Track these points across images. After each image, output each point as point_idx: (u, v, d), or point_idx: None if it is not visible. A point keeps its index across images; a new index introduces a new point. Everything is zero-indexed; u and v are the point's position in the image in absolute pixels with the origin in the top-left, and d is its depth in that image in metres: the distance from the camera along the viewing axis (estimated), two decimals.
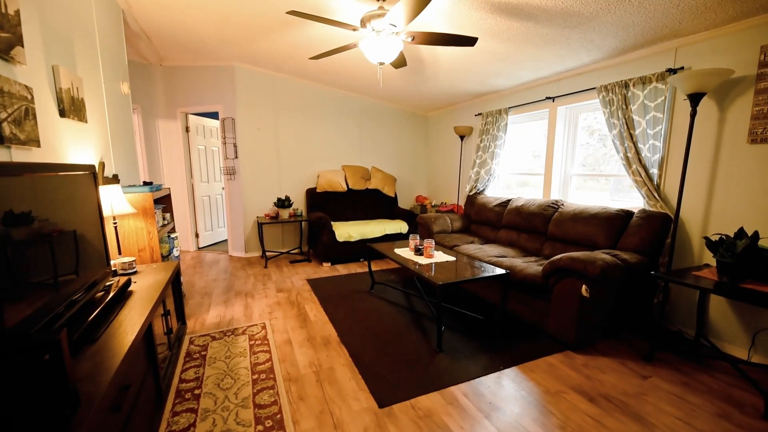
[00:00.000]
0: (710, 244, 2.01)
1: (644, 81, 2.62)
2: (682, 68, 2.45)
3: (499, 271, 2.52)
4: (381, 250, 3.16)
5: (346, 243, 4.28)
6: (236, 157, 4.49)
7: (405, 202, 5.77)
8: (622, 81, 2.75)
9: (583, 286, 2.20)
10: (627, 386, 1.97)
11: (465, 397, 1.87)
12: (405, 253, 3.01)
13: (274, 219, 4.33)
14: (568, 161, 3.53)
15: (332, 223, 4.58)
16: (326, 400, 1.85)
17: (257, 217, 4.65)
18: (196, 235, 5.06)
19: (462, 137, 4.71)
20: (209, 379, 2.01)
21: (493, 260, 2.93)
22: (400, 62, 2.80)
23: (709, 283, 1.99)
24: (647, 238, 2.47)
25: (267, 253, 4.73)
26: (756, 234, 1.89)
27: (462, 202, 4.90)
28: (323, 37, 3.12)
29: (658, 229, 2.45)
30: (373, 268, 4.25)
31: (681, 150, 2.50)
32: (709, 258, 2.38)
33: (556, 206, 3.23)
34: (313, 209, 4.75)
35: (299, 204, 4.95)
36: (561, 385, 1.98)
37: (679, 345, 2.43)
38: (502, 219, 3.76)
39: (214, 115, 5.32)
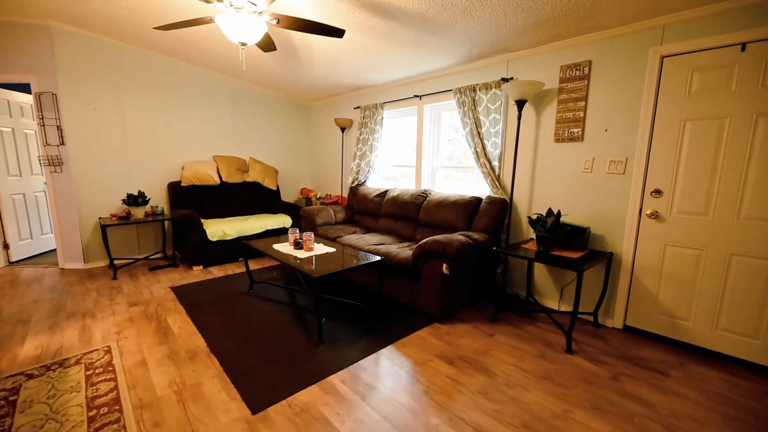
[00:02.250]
0: (531, 221, 2.52)
1: (487, 87, 3.08)
2: (512, 78, 2.97)
3: (375, 258, 2.66)
4: (258, 247, 2.97)
5: (221, 242, 3.88)
6: (62, 143, 3.55)
7: (289, 195, 5.55)
8: (471, 85, 3.19)
9: (444, 264, 2.50)
10: (478, 345, 2.34)
11: (343, 384, 1.92)
12: (284, 248, 2.90)
13: (124, 219, 3.61)
14: (435, 154, 3.94)
15: (203, 220, 4.10)
16: (189, 420, 1.66)
17: (99, 218, 3.80)
18: (5, 247, 3.85)
19: (343, 129, 4.76)
20: (21, 430, 1.57)
21: (371, 248, 3.07)
22: (267, 45, 2.63)
23: (532, 253, 2.50)
24: (492, 220, 2.95)
25: (116, 262, 3.93)
26: (559, 212, 2.45)
27: (346, 194, 4.99)
28: (175, 5, 2.69)
29: (499, 212, 2.96)
30: (255, 267, 3.98)
31: (513, 146, 3.05)
32: (533, 233, 2.99)
33: (425, 195, 3.57)
34: (178, 206, 4.14)
35: (159, 200, 4.24)
36: (428, 354, 2.23)
37: (516, 305, 3.00)
38: (381, 209, 3.97)
39: (24, 88, 4.09)
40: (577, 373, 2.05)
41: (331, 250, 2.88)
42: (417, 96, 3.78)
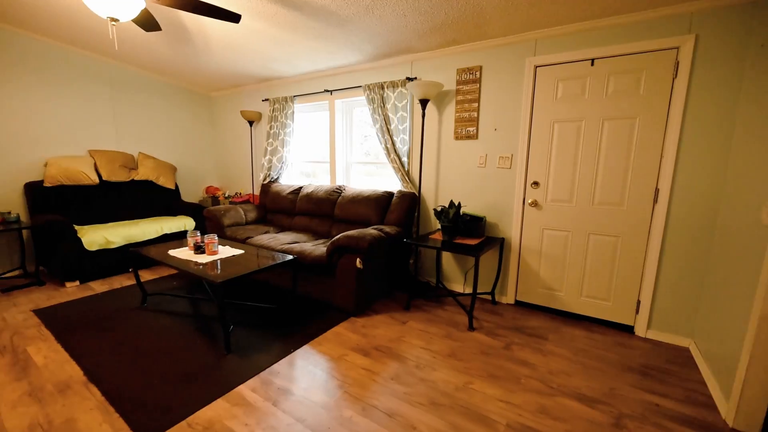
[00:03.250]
0: (436, 213, 2.71)
1: (394, 85, 3.19)
2: (416, 78, 3.13)
3: (288, 257, 2.57)
4: (150, 254, 2.62)
5: (104, 252, 3.33)
6: None
7: (193, 195, 5.02)
8: (379, 83, 3.27)
9: (357, 258, 2.54)
10: (392, 334, 2.44)
11: (253, 392, 1.82)
12: (183, 253, 2.61)
13: None
14: (349, 150, 3.95)
15: (77, 227, 3.46)
16: None
17: None
18: None
19: (251, 123, 4.46)
20: None
21: (285, 248, 2.96)
22: (148, 23, 2.30)
23: (438, 242, 2.69)
24: (403, 213, 3.09)
25: None
26: (459, 204, 2.68)
27: (258, 192, 4.70)
28: None
29: (409, 206, 3.11)
30: (151, 277, 3.51)
31: (420, 143, 3.23)
32: (438, 224, 3.22)
33: (340, 191, 3.57)
34: (40, 211, 3.41)
35: (12, 205, 3.44)
36: (344, 349, 2.24)
37: (428, 291, 3.21)
38: (296, 206, 3.85)
39: None
40: (477, 347, 2.29)
41: (239, 252, 2.69)
42: (328, 91, 3.73)
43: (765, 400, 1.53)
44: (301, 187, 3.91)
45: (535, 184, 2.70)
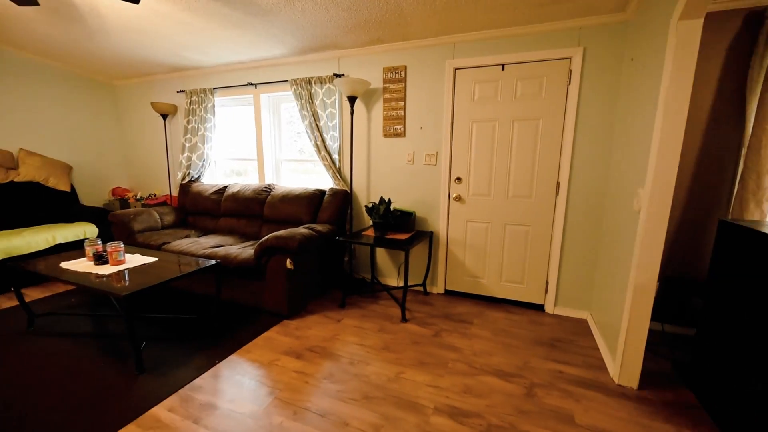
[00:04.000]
0: (367, 210, 2.74)
1: (322, 81, 3.14)
2: (344, 75, 3.11)
3: (211, 262, 2.39)
4: (37, 268, 2.23)
5: None
6: None
7: (96, 198, 4.38)
8: (307, 78, 3.18)
9: (288, 259, 2.46)
10: (326, 333, 2.41)
11: (171, 412, 1.66)
12: (80, 265, 2.27)
13: None
14: (278, 147, 3.79)
15: None
16: None
17: None
18: None
19: (165, 116, 4.03)
20: None
21: (208, 252, 2.74)
22: None
23: (370, 239, 2.72)
24: (335, 210, 3.06)
25: None
26: (389, 200, 2.74)
27: (176, 192, 4.28)
28: None
29: (341, 203, 3.10)
30: (41, 295, 3.00)
31: (349, 140, 3.23)
32: (371, 221, 3.27)
33: (269, 190, 3.41)
34: None
35: None
36: (275, 354, 2.16)
37: (363, 288, 3.24)
38: (220, 207, 3.59)
39: None
40: (409, 337, 2.37)
41: (152, 260, 2.43)
42: (252, 84, 3.53)
43: (640, 358, 1.83)
44: (225, 187, 3.66)
45: (458, 179, 2.87)
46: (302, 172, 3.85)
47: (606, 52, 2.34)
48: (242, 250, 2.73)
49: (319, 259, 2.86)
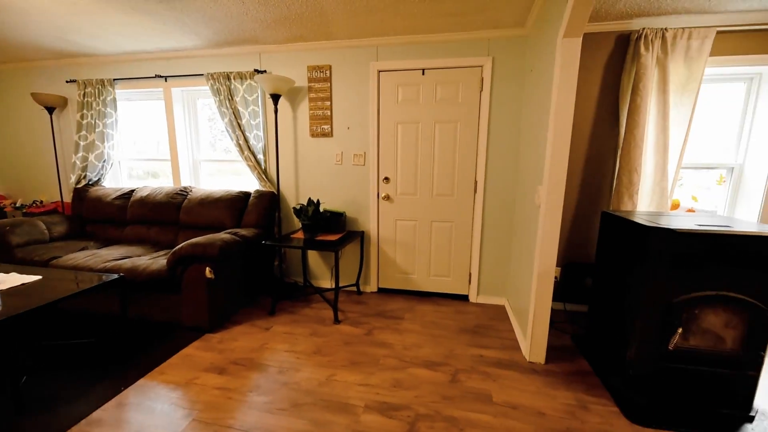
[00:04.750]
0: (295, 211, 2.66)
1: (242, 77, 2.96)
2: (265, 71, 2.98)
3: (113, 277, 2.10)
4: None
5: None
6: None
7: None
8: (225, 73, 2.98)
9: (207, 268, 2.28)
10: (254, 343, 2.29)
11: None
12: None
13: None
14: (195, 146, 3.49)
15: None
16: None
17: None
18: None
19: (51, 109, 3.45)
20: None
21: (110, 265, 2.41)
22: None
23: (300, 241, 2.64)
24: (261, 213, 2.92)
25: None
26: (318, 201, 2.69)
27: (70, 198, 3.70)
28: None
29: (268, 205, 2.96)
30: None
31: (275, 139, 3.10)
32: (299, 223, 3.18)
33: (185, 193, 3.12)
34: None
35: None
36: (194, 372, 1.98)
37: (295, 292, 3.14)
38: (127, 213, 3.18)
39: None
40: (342, 338, 2.36)
41: (34, 278, 2.06)
42: (161, 76, 3.19)
43: (545, 336, 2.06)
44: (133, 191, 3.26)
45: (386, 179, 2.94)
46: (232, 173, 3.59)
47: (511, 63, 2.59)
48: (153, 261, 2.45)
49: (245, 265, 2.70)
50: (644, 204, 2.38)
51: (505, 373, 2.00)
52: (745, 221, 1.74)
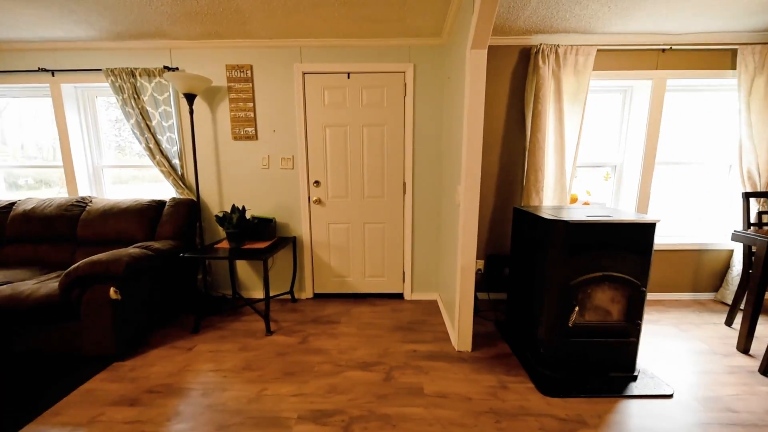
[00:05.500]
0: (218, 219, 2.49)
1: (149, 73, 2.69)
2: (177, 69, 2.74)
3: None
4: None
5: None
6: None
7: None
8: (129, 69, 2.67)
9: (111, 288, 2.02)
10: (173, 367, 2.08)
11: None
12: None
13: None
14: (96, 151, 3.07)
15: None
16: None
17: None
18: None
19: None
20: None
21: None
22: None
23: (225, 251, 2.48)
24: (179, 223, 2.68)
25: None
26: (243, 208, 2.55)
27: None
28: None
29: (186, 214, 2.73)
30: None
31: (191, 143, 2.87)
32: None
33: (83, 204, 2.73)
34: None
35: None
36: (98, 408, 1.74)
37: (224, 306, 2.93)
38: (5, 231, 2.68)
39: None
40: (275, 350, 2.27)
41: None
42: (46, 70, 2.75)
43: (470, 325, 2.20)
44: (13, 203, 2.76)
45: (317, 183, 2.90)
46: (152, 180, 3.22)
47: (431, 70, 2.73)
48: (41, 285, 2.10)
49: (161, 281, 2.45)
50: (549, 199, 2.68)
51: (436, 365, 2.09)
52: (625, 211, 2.05)
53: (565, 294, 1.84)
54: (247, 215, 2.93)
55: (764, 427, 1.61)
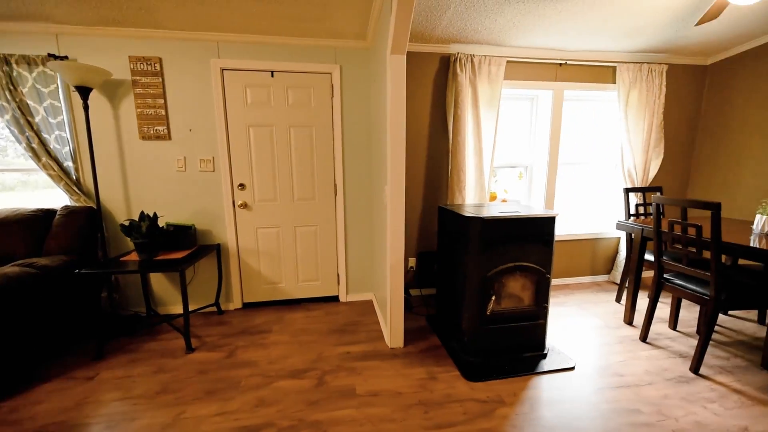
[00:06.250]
0: (124, 229, 2.22)
1: (29, 61, 2.30)
2: (67, 57, 2.39)
3: None
4: None
5: None
6: None
7: None
8: (1, 55, 2.26)
9: None
10: (68, 402, 1.80)
11: None
12: None
13: None
14: None
15: None
16: None
17: None
18: None
19: None
20: None
21: None
22: None
23: (135, 264, 2.22)
24: (74, 235, 2.33)
25: None
26: (155, 215, 2.31)
27: None
28: None
29: (84, 224, 2.38)
30: None
31: (88, 142, 2.52)
32: None
33: None
34: None
35: None
36: None
37: (137, 325, 2.62)
38: None
39: None
40: (196, 368, 2.09)
41: None
42: None
43: (401, 321, 2.26)
44: None
45: (242, 186, 2.74)
46: (45, 187, 2.73)
47: (358, 72, 2.76)
48: None
49: (52, 304, 2.10)
50: (471, 198, 2.88)
51: (369, 364, 2.11)
52: (534, 207, 2.28)
53: (483, 285, 1.99)
54: (161, 223, 2.66)
55: (643, 385, 1.90)
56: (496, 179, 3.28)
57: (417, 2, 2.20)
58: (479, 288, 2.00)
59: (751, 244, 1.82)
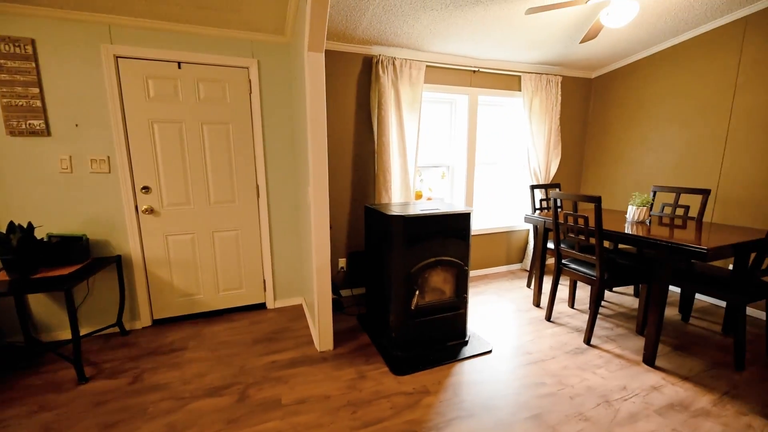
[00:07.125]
0: None
1: None
2: None
3: None
4: None
5: None
6: None
7: None
8: None
9: None
10: None
11: None
12: None
13: None
14: None
15: None
16: None
17: None
18: None
19: None
20: None
21: None
22: None
23: (4, 285, 1.84)
24: None
25: None
26: (30, 225, 1.94)
27: None
28: None
29: None
30: None
31: None
32: None
33: None
34: None
35: None
36: None
37: (12, 359, 2.18)
38: None
39: None
40: (90, 400, 1.81)
41: None
42: None
43: (330, 323, 2.23)
44: None
45: (146, 189, 2.44)
46: None
47: (278, 68, 2.64)
48: None
49: None
50: (396, 197, 2.96)
51: (297, 371, 2.04)
52: (457, 204, 2.41)
53: (407, 280, 2.05)
54: (41, 234, 2.24)
55: (547, 360, 2.14)
56: (421, 179, 3.42)
57: (336, 0, 2.19)
58: (404, 284, 2.06)
59: (626, 231, 2.16)
